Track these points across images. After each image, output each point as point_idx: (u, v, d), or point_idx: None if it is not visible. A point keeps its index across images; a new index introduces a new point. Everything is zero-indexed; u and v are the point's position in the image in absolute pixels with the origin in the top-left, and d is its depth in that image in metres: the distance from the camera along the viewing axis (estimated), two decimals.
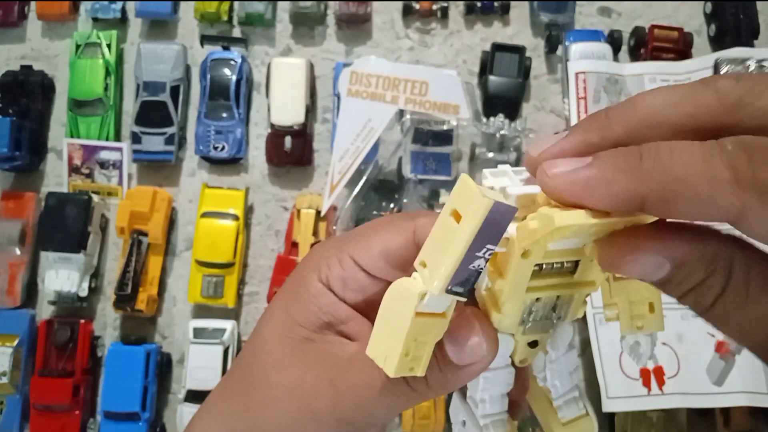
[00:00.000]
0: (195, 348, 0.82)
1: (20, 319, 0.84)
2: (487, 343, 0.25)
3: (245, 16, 0.92)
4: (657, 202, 0.20)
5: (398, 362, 0.23)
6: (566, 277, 0.25)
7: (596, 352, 0.78)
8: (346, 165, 0.85)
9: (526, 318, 0.25)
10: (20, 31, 0.96)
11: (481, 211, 0.20)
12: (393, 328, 0.23)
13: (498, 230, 0.21)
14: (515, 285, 0.23)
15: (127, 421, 0.82)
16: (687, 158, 0.19)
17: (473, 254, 0.21)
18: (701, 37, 0.94)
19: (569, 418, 0.28)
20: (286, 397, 0.28)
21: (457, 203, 0.21)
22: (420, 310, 0.22)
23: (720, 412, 0.81)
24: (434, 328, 0.23)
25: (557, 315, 0.26)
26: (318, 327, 0.29)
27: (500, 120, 0.87)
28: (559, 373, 0.28)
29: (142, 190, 0.87)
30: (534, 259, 0.23)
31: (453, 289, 0.22)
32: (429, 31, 0.95)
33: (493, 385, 0.27)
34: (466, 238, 0.21)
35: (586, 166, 0.21)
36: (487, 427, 0.27)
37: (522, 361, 0.27)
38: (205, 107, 0.90)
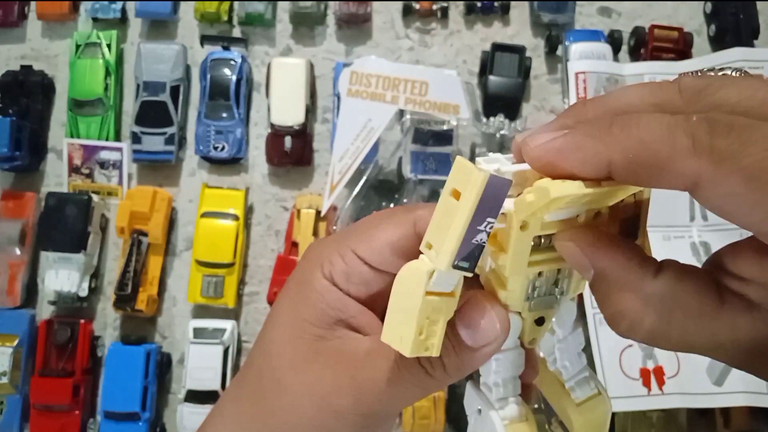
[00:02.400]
0: (195, 348, 0.82)
1: (20, 319, 0.84)
2: (499, 322, 0.25)
3: (245, 16, 0.92)
4: (622, 166, 0.21)
5: (413, 342, 0.23)
6: None
7: (596, 352, 0.78)
8: (346, 165, 0.85)
9: (530, 294, 0.26)
10: (20, 31, 0.96)
11: (478, 183, 0.21)
12: (405, 310, 0.23)
13: (496, 203, 0.22)
14: (517, 259, 0.24)
15: (127, 421, 0.82)
16: (653, 126, 0.21)
17: (475, 228, 0.22)
18: (701, 37, 0.94)
19: (583, 398, 0.29)
20: (305, 399, 0.28)
21: (455, 182, 0.22)
22: (429, 289, 0.23)
23: (720, 412, 0.81)
24: (444, 307, 0.24)
25: (560, 290, 0.27)
26: (328, 324, 0.29)
27: (500, 120, 0.87)
28: (569, 353, 0.28)
29: (142, 190, 0.87)
30: (532, 231, 0.24)
31: (459, 264, 0.22)
32: (429, 31, 0.95)
33: (505, 366, 0.27)
34: (467, 212, 0.22)
35: (561, 135, 0.22)
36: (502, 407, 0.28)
37: (531, 342, 0.27)
38: (205, 107, 0.90)
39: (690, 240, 0.83)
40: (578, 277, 0.27)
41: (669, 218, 0.84)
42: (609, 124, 0.21)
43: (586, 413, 0.29)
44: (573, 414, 0.29)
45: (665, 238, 0.84)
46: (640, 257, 0.23)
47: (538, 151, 0.23)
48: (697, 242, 0.83)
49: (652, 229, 0.84)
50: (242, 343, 0.87)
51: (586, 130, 0.22)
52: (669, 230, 0.84)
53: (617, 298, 0.23)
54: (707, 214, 0.84)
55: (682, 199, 0.85)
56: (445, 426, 0.82)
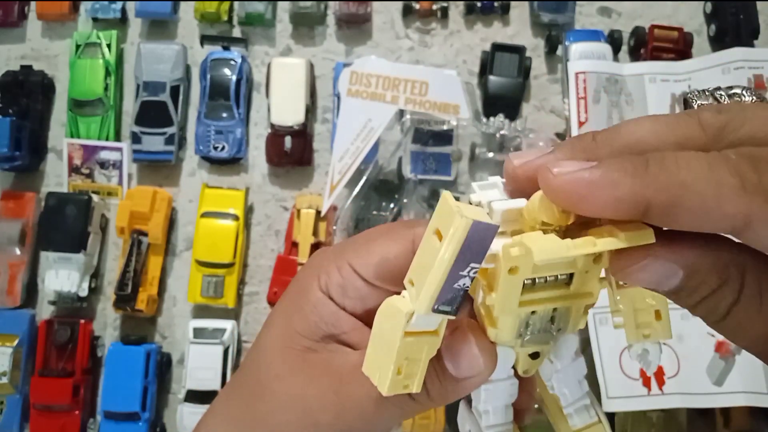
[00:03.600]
0: (195, 348, 0.82)
1: (20, 319, 0.84)
2: (483, 357, 0.24)
3: (245, 16, 0.92)
4: (662, 207, 0.20)
5: (390, 381, 0.23)
6: (562, 289, 0.24)
7: (596, 352, 0.78)
8: (346, 165, 0.85)
9: (523, 331, 0.25)
10: (20, 31, 0.96)
11: (460, 231, 0.20)
12: (384, 347, 0.23)
13: (480, 249, 0.21)
14: (506, 300, 0.23)
15: (127, 421, 0.82)
16: (693, 165, 0.19)
17: (457, 273, 0.21)
18: (701, 37, 0.94)
19: (581, 426, 0.28)
20: (290, 408, 0.28)
21: (438, 222, 0.21)
22: (410, 329, 0.22)
23: (720, 412, 0.81)
24: (426, 346, 0.23)
25: (556, 327, 0.25)
26: (319, 337, 0.29)
27: (500, 120, 0.87)
28: (567, 382, 0.27)
29: (142, 190, 0.87)
30: (522, 275, 0.23)
31: (440, 308, 0.22)
32: (429, 31, 0.95)
33: (495, 396, 0.27)
34: (448, 259, 0.21)
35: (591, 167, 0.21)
36: None
37: (525, 371, 0.27)
38: (205, 107, 0.90)
39: None
40: (577, 314, 0.25)
41: None
42: (645, 162, 0.20)
43: None
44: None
45: None
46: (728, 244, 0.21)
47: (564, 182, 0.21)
48: None
49: None
50: (242, 343, 0.87)
51: (620, 166, 0.20)
52: None
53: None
54: None
55: None
56: (445, 426, 0.82)
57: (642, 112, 0.87)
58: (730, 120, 0.20)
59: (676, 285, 0.21)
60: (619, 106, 0.87)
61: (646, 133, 0.22)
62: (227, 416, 0.31)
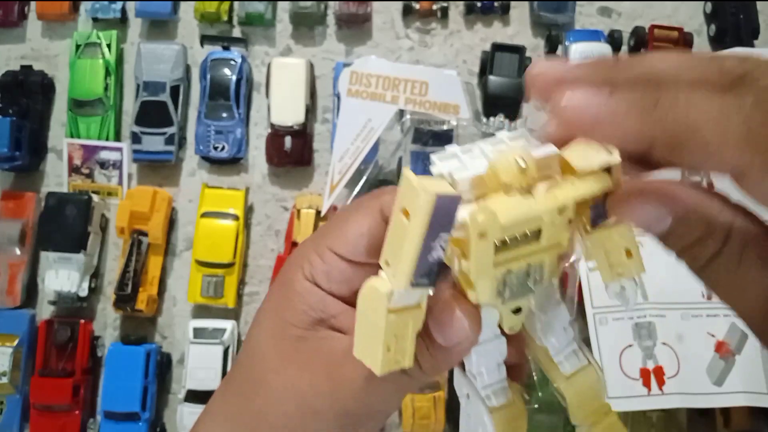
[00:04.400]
0: (195, 348, 0.82)
1: (20, 319, 0.84)
2: (468, 321, 0.25)
3: (245, 16, 0.92)
4: (665, 145, 0.20)
5: (382, 360, 0.23)
6: (533, 245, 0.25)
7: (596, 352, 0.78)
8: (346, 165, 0.85)
9: (502, 290, 0.25)
10: (20, 31, 0.96)
11: (424, 206, 0.21)
12: (371, 328, 0.23)
13: (447, 219, 0.22)
14: (480, 264, 0.24)
15: (127, 421, 0.82)
16: (704, 107, 0.20)
17: (429, 246, 0.22)
18: (701, 37, 0.94)
19: (572, 371, 0.29)
20: (285, 398, 0.28)
21: (404, 200, 0.22)
22: (392, 306, 0.23)
23: (720, 412, 0.81)
24: (411, 321, 0.24)
25: (533, 280, 0.26)
26: (309, 324, 0.29)
27: (500, 120, 0.87)
28: (553, 331, 0.28)
29: (142, 190, 0.87)
30: (492, 238, 0.23)
31: (418, 282, 0.22)
32: (429, 31, 0.95)
33: (486, 357, 0.27)
34: (417, 235, 0.21)
35: (602, 98, 0.21)
36: (489, 398, 0.28)
37: (511, 328, 0.27)
38: (205, 107, 0.90)
39: None
40: (551, 265, 0.26)
41: None
42: (656, 98, 0.20)
43: (576, 385, 0.29)
44: (564, 387, 0.29)
45: None
46: None
47: (574, 113, 0.21)
48: None
49: None
50: (242, 344, 0.87)
51: (631, 100, 0.21)
52: None
53: None
54: None
55: None
56: (445, 426, 0.82)
57: None
58: (752, 69, 0.21)
59: (664, 229, 0.23)
60: None
61: (668, 67, 0.22)
62: (225, 414, 0.31)
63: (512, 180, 0.23)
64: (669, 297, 0.80)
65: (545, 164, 0.24)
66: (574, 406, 0.29)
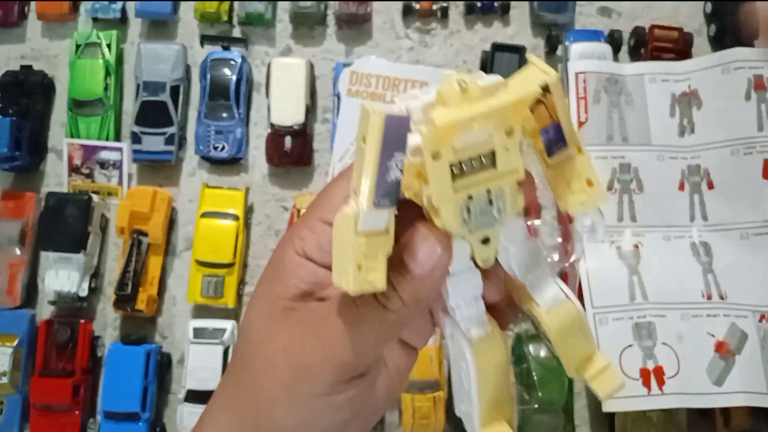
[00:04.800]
0: (195, 348, 0.82)
1: (20, 319, 0.84)
2: (439, 244, 0.27)
3: (245, 16, 0.92)
4: None
5: (354, 278, 0.25)
6: (490, 171, 0.26)
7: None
8: (346, 165, 0.85)
9: (467, 217, 0.27)
10: (20, 31, 0.96)
11: (377, 126, 0.23)
12: (343, 251, 0.25)
13: (400, 139, 0.24)
14: (439, 187, 0.25)
15: (127, 421, 0.82)
16: None
17: (386, 166, 0.24)
18: (701, 37, 0.94)
19: (550, 305, 0.30)
20: (278, 364, 0.29)
21: (362, 128, 0.24)
22: (361, 229, 0.25)
23: (720, 412, 0.81)
24: (381, 245, 0.26)
25: (496, 208, 0.27)
26: (297, 296, 0.29)
27: None
28: (527, 266, 0.30)
29: (142, 190, 0.87)
30: (446, 158, 0.25)
31: (380, 202, 0.24)
32: (429, 31, 0.95)
33: (461, 288, 0.29)
34: (374, 154, 0.24)
35: None
36: (468, 330, 0.29)
37: (485, 261, 0.28)
38: (205, 107, 0.90)
39: (690, 240, 0.83)
40: (513, 193, 0.27)
41: (669, 218, 0.84)
42: None
43: (554, 315, 0.30)
44: (543, 317, 0.30)
45: (665, 238, 0.83)
46: None
47: None
48: (697, 242, 0.83)
49: (653, 229, 0.84)
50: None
51: None
52: (669, 230, 0.84)
53: None
54: (707, 214, 0.84)
55: (682, 198, 0.85)
56: (445, 426, 0.82)
57: (642, 112, 0.87)
58: None
59: None
60: (619, 106, 0.87)
61: None
62: (225, 398, 0.31)
63: (456, 101, 0.25)
64: (669, 297, 0.80)
65: (490, 90, 0.25)
66: (559, 345, 0.30)
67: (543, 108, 0.27)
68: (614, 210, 0.84)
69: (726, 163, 0.84)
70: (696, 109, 0.87)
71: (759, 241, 0.81)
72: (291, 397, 0.29)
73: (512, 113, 0.26)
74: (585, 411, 0.84)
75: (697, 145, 0.86)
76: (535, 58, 0.27)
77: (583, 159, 0.28)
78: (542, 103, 0.27)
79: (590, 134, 0.85)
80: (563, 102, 0.27)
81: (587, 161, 0.28)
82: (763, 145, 0.82)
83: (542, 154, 0.28)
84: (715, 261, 0.82)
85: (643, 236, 0.83)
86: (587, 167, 0.28)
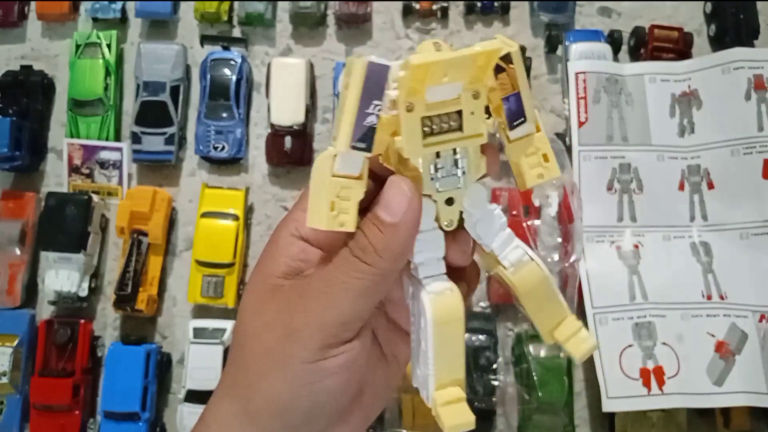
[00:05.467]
0: (195, 348, 0.82)
1: (20, 319, 0.84)
2: (408, 190, 0.28)
3: (245, 16, 0.92)
4: None
5: (326, 216, 0.27)
6: (456, 133, 0.28)
7: (596, 352, 0.78)
8: None
9: (434, 175, 0.28)
10: (20, 31, 0.96)
11: (358, 70, 0.25)
12: (318, 191, 0.27)
13: (378, 86, 0.26)
14: (410, 139, 0.27)
15: (127, 421, 0.82)
16: None
17: (364, 111, 0.26)
18: (701, 37, 0.94)
19: (516, 266, 0.31)
20: (265, 334, 0.29)
21: (346, 77, 0.26)
22: (337, 171, 0.27)
23: (720, 412, 0.81)
24: (354, 187, 0.27)
25: (461, 169, 0.29)
26: (286, 273, 0.30)
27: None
28: (491, 230, 0.31)
29: (142, 190, 0.87)
30: (418, 111, 0.27)
31: (356, 145, 0.26)
32: (429, 31, 0.95)
33: (426, 247, 0.30)
34: (354, 97, 0.25)
35: None
36: (429, 284, 0.30)
37: (448, 224, 0.30)
38: (205, 107, 0.90)
39: (690, 240, 0.83)
40: (476, 158, 0.29)
41: (669, 218, 0.84)
42: None
43: (520, 275, 0.31)
44: (510, 278, 0.31)
45: (665, 238, 0.84)
46: None
47: None
48: (697, 242, 0.83)
49: (653, 229, 0.84)
50: None
51: None
52: (669, 230, 0.84)
53: None
54: (707, 214, 0.84)
55: (682, 198, 0.85)
56: None
57: (642, 112, 0.87)
58: None
59: None
60: (619, 106, 0.87)
61: None
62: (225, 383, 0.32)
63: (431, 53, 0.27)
64: (669, 297, 0.80)
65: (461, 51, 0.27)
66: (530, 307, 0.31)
67: (506, 76, 0.28)
68: (614, 210, 0.84)
69: (726, 163, 0.84)
70: (696, 109, 0.87)
71: (759, 241, 0.81)
72: (279, 366, 0.29)
73: (479, 73, 0.28)
74: (585, 411, 0.84)
75: (697, 145, 0.86)
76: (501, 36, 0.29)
77: (541, 136, 0.30)
78: (505, 73, 0.28)
79: (590, 134, 0.85)
80: (523, 73, 0.29)
81: (544, 138, 0.30)
82: (763, 145, 0.82)
83: (505, 131, 0.30)
84: (715, 261, 0.82)
85: (643, 236, 0.83)
86: (544, 144, 0.30)
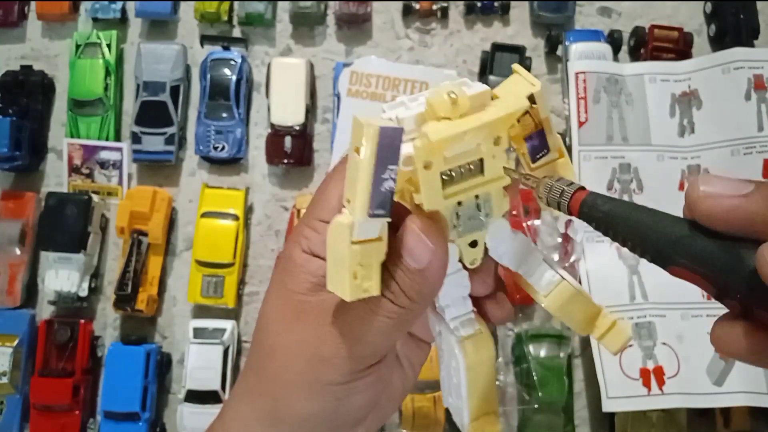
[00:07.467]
0: (195, 348, 0.82)
1: (20, 319, 0.84)
2: (429, 238, 0.27)
3: (245, 16, 0.92)
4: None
5: (350, 287, 0.26)
6: (477, 178, 0.27)
7: (596, 352, 0.78)
8: None
9: (456, 222, 0.28)
10: (20, 31, 0.96)
11: (371, 138, 0.24)
12: (338, 260, 0.26)
13: (393, 151, 0.24)
14: (430, 194, 0.26)
15: (127, 421, 0.82)
16: None
17: (380, 177, 0.24)
18: (701, 37, 0.94)
19: (547, 289, 0.31)
20: (295, 355, 0.30)
21: (355, 140, 0.24)
22: (355, 238, 0.25)
23: (720, 412, 0.81)
24: (375, 252, 0.26)
25: (484, 213, 0.28)
26: (310, 289, 0.30)
27: None
28: (518, 258, 0.31)
29: (142, 190, 0.87)
30: (437, 168, 0.26)
31: (375, 212, 0.25)
32: (429, 31, 0.95)
33: (450, 290, 0.30)
34: (368, 165, 0.24)
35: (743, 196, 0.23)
36: (457, 329, 0.30)
37: (472, 263, 0.30)
38: (205, 107, 0.90)
39: None
40: (497, 198, 0.28)
41: None
42: None
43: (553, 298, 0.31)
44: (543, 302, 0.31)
45: None
46: None
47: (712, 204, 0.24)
48: None
49: None
50: (242, 343, 0.87)
51: None
52: None
53: None
54: None
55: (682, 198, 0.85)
56: (445, 426, 0.82)
57: (642, 113, 0.87)
58: None
59: None
60: (619, 106, 0.87)
61: None
62: (244, 390, 0.33)
63: (446, 112, 0.25)
64: (669, 297, 0.80)
65: (478, 100, 0.26)
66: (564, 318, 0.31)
67: (528, 116, 0.28)
68: None
69: (726, 163, 0.84)
70: (696, 109, 0.87)
71: None
72: (310, 387, 0.30)
73: (500, 125, 0.27)
74: (585, 411, 0.84)
75: (697, 145, 0.86)
76: (520, 69, 0.28)
77: (564, 161, 0.29)
78: (527, 113, 0.28)
79: (590, 134, 0.85)
80: (547, 110, 0.28)
81: (568, 163, 0.29)
82: (763, 145, 0.82)
83: (525, 158, 0.29)
84: None
85: None
86: (567, 169, 0.29)
